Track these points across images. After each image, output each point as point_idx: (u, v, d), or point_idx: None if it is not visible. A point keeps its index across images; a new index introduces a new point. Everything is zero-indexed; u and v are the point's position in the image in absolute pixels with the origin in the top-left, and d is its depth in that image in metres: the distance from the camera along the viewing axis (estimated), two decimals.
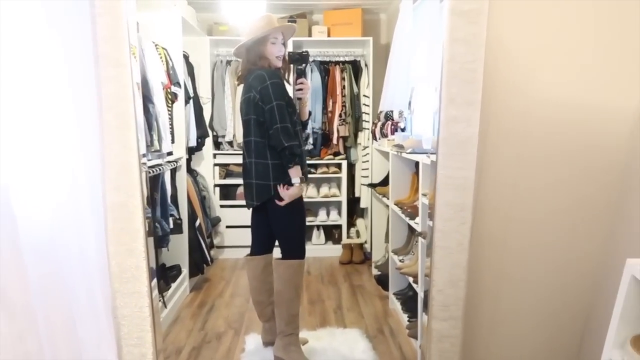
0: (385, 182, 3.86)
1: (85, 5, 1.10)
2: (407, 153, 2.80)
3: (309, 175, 4.72)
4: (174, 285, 3.42)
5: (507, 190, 1.38)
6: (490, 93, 1.27)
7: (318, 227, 4.82)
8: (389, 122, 3.66)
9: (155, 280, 1.43)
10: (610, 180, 1.48)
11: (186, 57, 4.00)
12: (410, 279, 2.81)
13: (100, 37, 1.12)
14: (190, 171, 4.13)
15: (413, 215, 2.73)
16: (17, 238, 1.17)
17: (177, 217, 3.40)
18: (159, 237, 3.11)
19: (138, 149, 1.20)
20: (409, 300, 3.08)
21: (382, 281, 3.56)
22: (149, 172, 2.81)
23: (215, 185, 4.67)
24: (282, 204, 2.41)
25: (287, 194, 2.41)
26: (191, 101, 3.90)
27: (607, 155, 1.48)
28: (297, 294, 2.55)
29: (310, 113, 2.65)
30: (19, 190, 1.14)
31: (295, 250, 2.54)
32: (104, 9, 1.12)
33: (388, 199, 3.47)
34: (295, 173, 2.40)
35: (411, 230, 3.16)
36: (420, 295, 2.57)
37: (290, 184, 2.41)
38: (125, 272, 1.26)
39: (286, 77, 2.58)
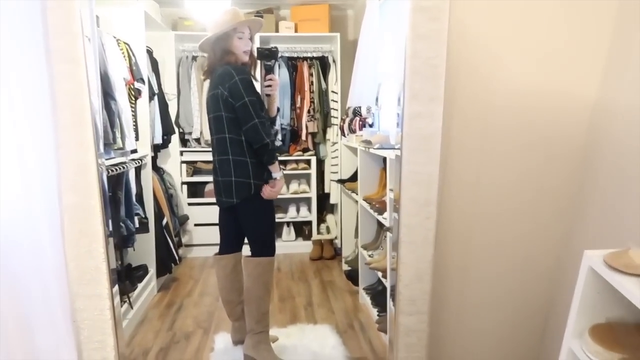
0: (354, 177, 3.88)
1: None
2: (374, 149, 2.81)
3: None
4: (140, 286, 3.35)
5: (470, 185, 1.40)
6: (453, 88, 1.28)
7: (288, 223, 4.80)
8: (357, 118, 3.67)
9: (116, 283, 1.39)
10: (569, 172, 1.52)
11: (150, 53, 3.90)
12: (380, 274, 2.83)
13: (52, 32, 1.08)
14: (157, 169, 4.05)
15: (381, 210, 2.74)
16: None
17: (143, 216, 3.33)
18: (123, 237, 3.03)
19: (95, 148, 1.16)
20: (378, 294, 3.10)
21: (352, 276, 3.58)
22: (112, 171, 2.74)
23: (183, 183, 4.59)
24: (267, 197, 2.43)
25: (273, 192, 2.42)
26: (156, 97, 3.82)
27: (567, 146, 1.51)
28: (267, 292, 2.54)
29: (278, 109, 2.63)
30: None
31: (265, 248, 2.52)
32: (56, 1, 1.07)
33: (357, 194, 3.48)
34: (275, 168, 2.41)
35: (380, 225, 3.19)
36: (389, 289, 2.59)
37: (269, 180, 2.43)
38: (84, 275, 1.22)
39: (252, 72, 2.54)
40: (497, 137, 1.40)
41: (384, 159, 2.92)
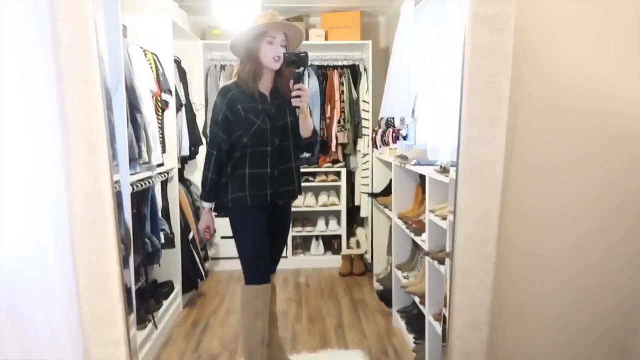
0: (387, 192, 3.70)
1: (45, 10, 0.93)
2: (411, 165, 2.63)
3: (307, 184, 4.60)
4: (166, 303, 3.25)
5: (533, 220, 1.22)
6: (515, 109, 1.11)
7: (317, 237, 4.65)
8: (390, 130, 3.51)
9: (134, 326, 1.26)
10: None
11: (178, 63, 3.83)
12: (417, 299, 2.65)
13: (63, 47, 0.96)
14: (184, 181, 3.96)
15: (419, 231, 2.56)
16: None
17: (169, 231, 3.23)
18: (149, 254, 2.94)
19: (111, 175, 1.03)
20: (414, 319, 2.91)
21: (385, 297, 3.39)
22: (138, 187, 2.65)
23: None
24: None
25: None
26: (183, 108, 3.74)
27: None
28: (255, 324, 2.26)
29: (315, 132, 2.32)
30: None
31: (245, 275, 2.32)
32: (68, 14, 0.95)
33: (390, 210, 3.31)
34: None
35: (415, 244, 3.00)
36: (428, 318, 2.41)
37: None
38: (99, 318, 1.09)
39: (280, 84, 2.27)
40: (565, 165, 1.21)
41: (421, 175, 2.74)
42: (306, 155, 4.34)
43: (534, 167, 1.18)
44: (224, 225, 4.42)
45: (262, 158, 2.21)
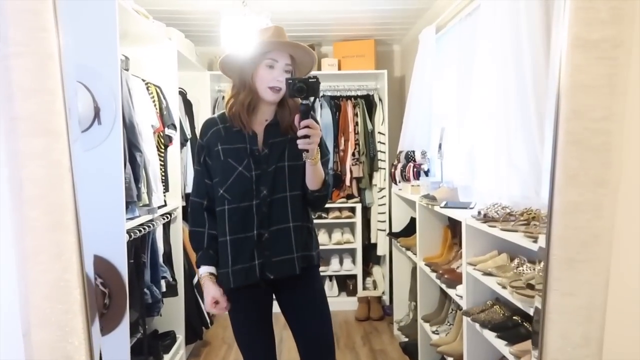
0: (407, 231, 3.41)
1: None
2: (441, 207, 2.35)
3: (320, 220, 4.31)
4: (167, 357, 2.94)
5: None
6: (624, 164, 0.83)
7: (330, 277, 4.34)
8: (411, 164, 3.25)
9: None
10: None
11: (183, 95, 3.62)
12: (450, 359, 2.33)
13: (16, 90, 0.71)
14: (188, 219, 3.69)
15: (452, 282, 2.26)
16: None
17: (171, 278, 2.94)
18: (148, 305, 2.65)
19: (81, 261, 0.76)
20: None
21: (410, 351, 3.06)
22: (136, 232, 2.38)
23: None
24: None
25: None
26: (188, 143, 3.50)
27: None
28: None
29: (326, 183, 1.69)
30: None
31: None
32: (23, 45, 0.70)
33: (413, 253, 3.01)
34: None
35: (444, 292, 2.69)
36: None
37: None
38: None
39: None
40: None
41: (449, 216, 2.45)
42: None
43: None
44: None
45: (245, 217, 1.66)
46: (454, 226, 2.60)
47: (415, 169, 3.20)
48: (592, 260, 0.80)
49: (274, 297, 1.79)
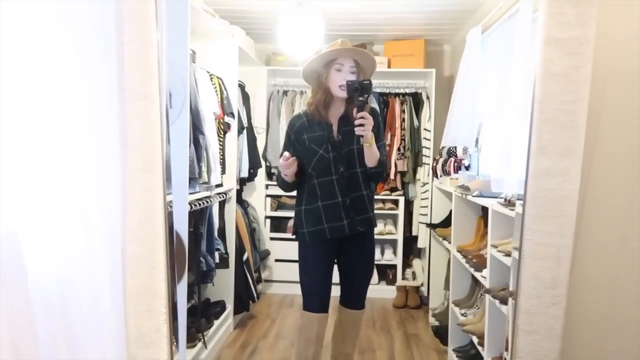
0: (446, 222, 3.56)
1: (111, 31, 0.97)
2: (473, 196, 2.52)
3: None
4: (217, 323, 3.26)
5: (611, 260, 1.10)
6: (593, 139, 1.01)
7: None
8: (452, 159, 3.40)
9: (182, 340, 1.25)
10: None
11: (242, 87, 3.94)
12: (475, 338, 2.49)
13: (127, 68, 0.98)
14: (241, 202, 4.02)
15: (479, 266, 2.42)
16: (27, 292, 1.04)
17: (224, 251, 3.26)
18: (203, 273, 2.97)
19: (164, 196, 1.04)
20: (471, 359, 2.74)
21: (441, 334, 3.23)
22: (196, 205, 2.70)
23: (266, 217, 4.53)
24: None
25: None
26: (245, 131, 3.81)
27: None
28: (306, 352, 2.26)
29: (381, 162, 2.17)
30: (28, 237, 1.01)
31: (303, 300, 2.32)
32: (133, 36, 0.98)
33: (449, 242, 3.17)
34: None
35: (475, 279, 2.84)
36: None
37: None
38: (144, 337, 1.09)
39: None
40: None
41: (483, 207, 2.61)
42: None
43: (614, 203, 1.07)
44: (279, 249, 4.46)
45: (330, 187, 2.19)
46: (486, 217, 2.74)
47: (456, 164, 3.35)
48: (560, 216, 0.99)
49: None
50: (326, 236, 2.20)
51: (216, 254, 3.13)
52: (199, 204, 2.74)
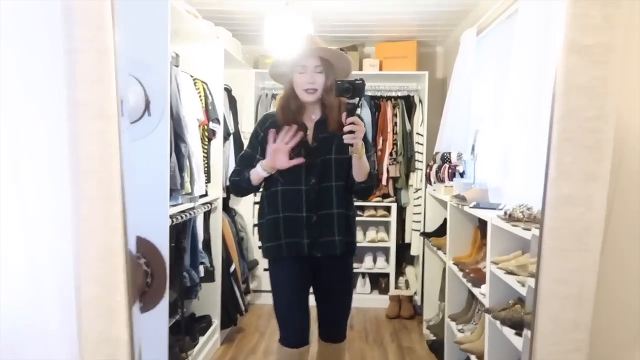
0: (440, 231, 3.44)
1: (58, 36, 0.82)
2: (470, 207, 2.39)
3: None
4: (202, 339, 3.11)
5: (636, 298, 0.98)
6: (619, 161, 0.89)
7: (363, 274, 4.41)
8: (446, 166, 3.27)
9: None
10: None
11: (229, 91, 3.79)
12: (473, 358, 2.36)
13: (79, 80, 0.84)
14: (228, 210, 3.86)
15: (477, 281, 2.30)
16: None
17: (209, 265, 3.11)
18: (186, 288, 2.82)
19: (125, 227, 0.89)
20: None
21: (436, 349, 3.10)
22: (178, 218, 2.55)
23: (254, 225, 4.38)
24: None
25: None
26: (231, 137, 3.67)
27: None
28: None
29: (371, 175, 1.92)
30: None
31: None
32: (86, 42, 0.84)
33: (444, 253, 3.05)
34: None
35: (472, 293, 2.72)
36: None
37: None
38: None
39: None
40: None
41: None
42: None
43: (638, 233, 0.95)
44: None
45: (295, 198, 1.91)
46: (483, 227, 2.61)
47: (450, 170, 3.23)
48: (583, 250, 0.86)
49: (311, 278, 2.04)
50: (283, 254, 1.93)
51: (201, 268, 2.98)
52: (182, 217, 2.59)
